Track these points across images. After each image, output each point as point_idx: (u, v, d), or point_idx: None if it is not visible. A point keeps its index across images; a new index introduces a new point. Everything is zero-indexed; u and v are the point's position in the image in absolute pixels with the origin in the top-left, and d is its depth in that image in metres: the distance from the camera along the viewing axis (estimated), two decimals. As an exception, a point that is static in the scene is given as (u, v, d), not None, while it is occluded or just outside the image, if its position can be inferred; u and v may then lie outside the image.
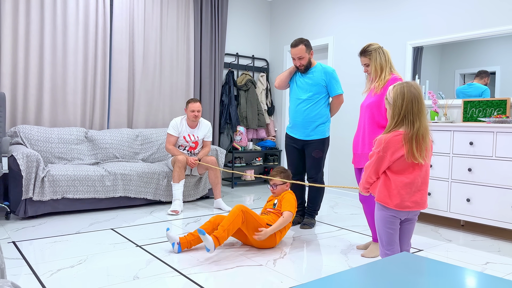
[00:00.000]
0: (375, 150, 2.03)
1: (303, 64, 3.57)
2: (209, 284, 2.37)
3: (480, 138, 3.50)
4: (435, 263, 1.19)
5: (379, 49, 2.89)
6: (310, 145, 3.61)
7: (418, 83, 4.42)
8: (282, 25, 6.24)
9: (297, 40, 3.54)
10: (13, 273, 2.44)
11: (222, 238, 2.79)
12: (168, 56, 5.35)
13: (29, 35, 4.37)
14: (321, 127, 3.60)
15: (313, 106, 3.57)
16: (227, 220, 2.83)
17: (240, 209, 2.85)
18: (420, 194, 2.04)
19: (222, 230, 2.80)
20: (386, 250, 2.09)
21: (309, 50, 3.56)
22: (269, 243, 3.02)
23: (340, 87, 3.60)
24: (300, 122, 3.62)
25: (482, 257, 3.01)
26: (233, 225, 2.83)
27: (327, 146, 3.67)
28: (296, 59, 3.56)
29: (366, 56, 2.91)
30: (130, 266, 2.62)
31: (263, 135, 6.24)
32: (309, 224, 3.68)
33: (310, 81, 3.58)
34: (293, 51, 3.54)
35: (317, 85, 3.56)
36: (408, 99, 1.98)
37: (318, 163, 3.64)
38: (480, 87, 3.92)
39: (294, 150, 3.73)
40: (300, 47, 3.51)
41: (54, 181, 3.80)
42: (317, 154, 3.61)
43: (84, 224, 3.63)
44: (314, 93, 3.56)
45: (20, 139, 4.10)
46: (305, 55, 3.54)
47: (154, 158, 4.95)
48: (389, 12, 4.78)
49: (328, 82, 3.56)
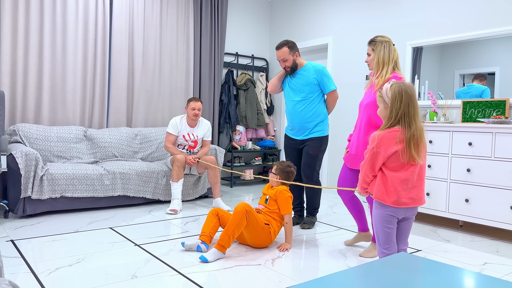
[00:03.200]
0: (369, 147, 2.06)
1: (288, 66, 3.58)
2: (207, 283, 2.37)
3: (479, 138, 3.50)
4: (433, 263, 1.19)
5: (387, 43, 2.79)
6: (308, 143, 3.61)
7: (418, 83, 4.42)
8: (282, 24, 6.24)
9: (281, 43, 3.56)
10: (11, 272, 2.44)
11: (228, 244, 2.77)
12: (168, 55, 5.35)
13: (28, 34, 4.36)
14: (319, 126, 3.60)
15: (308, 106, 3.56)
16: (232, 224, 2.76)
17: (244, 210, 2.79)
18: (416, 190, 2.05)
19: (226, 236, 2.75)
20: (384, 249, 2.10)
21: (294, 52, 3.56)
22: (265, 242, 3.00)
23: (332, 83, 3.58)
24: (298, 123, 3.61)
25: (481, 257, 3.01)
26: (238, 228, 2.78)
27: (325, 144, 3.65)
28: (281, 61, 3.59)
29: (371, 46, 2.85)
30: (129, 265, 2.62)
31: (262, 134, 6.24)
32: (309, 223, 3.66)
33: (301, 81, 3.58)
34: (277, 54, 3.58)
35: (310, 85, 3.55)
36: (405, 101, 2.00)
37: (313, 160, 3.59)
38: (479, 87, 3.93)
39: (293, 151, 3.73)
40: (283, 50, 3.53)
41: (53, 180, 3.80)
42: (314, 151, 3.58)
43: (83, 223, 3.63)
44: (308, 93, 3.56)
45: (19, 137, 4.10)
46: (289, 57, 3.54)
47: (153, 157, 4.94)
48: (388, 12, 4.78)
49: (320, 80, 3.55)
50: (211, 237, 2.96)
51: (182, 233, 3.38)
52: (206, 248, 2.88)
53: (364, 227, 3.12)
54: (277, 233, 3.10)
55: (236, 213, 2.79)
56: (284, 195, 3.07)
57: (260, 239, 2.97)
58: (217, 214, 3.04)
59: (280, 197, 3.07)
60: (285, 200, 3.07)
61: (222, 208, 4.29)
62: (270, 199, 3.14)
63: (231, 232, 2.75)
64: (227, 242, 2.75)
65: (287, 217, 3.06)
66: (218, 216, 3.04)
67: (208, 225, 2.98)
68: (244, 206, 2.80)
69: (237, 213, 2.78)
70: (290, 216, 3.07)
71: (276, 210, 3.10)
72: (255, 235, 2.94)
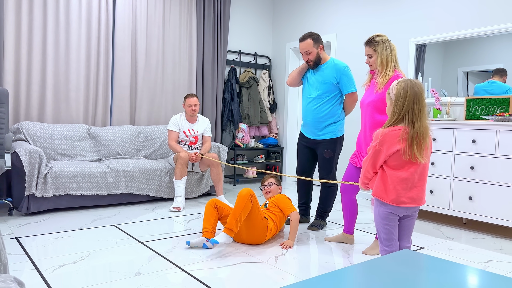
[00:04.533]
0: (372, 144, 2.05)
1: (311, 59, 3.42)
2: (210, 280, 2.38)
3: (482, 136, 3.49)
4: (436, 260, 1.19)
5: (386, 41, 2.77)
6: (321, 145, 3.50)
7: (421, 80, 4.41)
8: (285, 22, 6.23)
9: (305, 34, 3.42)
10: (16, 269, 2.46)
11: (236, 228, 2.78)
12: (171, 53, 5.35)
13: (32, 32, 4.37)
14: (332, 127, 3.45)
15: (322, 105, 3.42)
16: (238, 207, 2.78)
17: (249, 194, 2.80)
18: (416, 190, 2.04)
19: (234, 220, 2.77)
20: (385, 246, 2.10)
21: (318, 45, 3.41)
22: (260, 236, 2.98)
23: (353, 84, 3.39)
24: (310, 121, 3.50)
25: (484, 255, 3.01)
26: (244, 212, 2.80)
27: (340, 146, 3.52)
28: (304, 54, 3.43)
29: (371, 47, 2.80)
30: (132, 262, 2.63)
31: (265, 132, 6.23)
32: (317, 225, 3.56)
33: (320, 78, 3.43)
34: (300, 46, 3.43)
35: (327, 83, 3.39)
36: (410, 98, 1.98)
37: (329, 163, 3.49)
38: (503, 85, 3.79)
39: (304, 149, 3.63)
40: (307, 41, 3.38)
41: (56, 178, 3.81)
42: (328, 154, 3.46)
43: (87, 220, 3.64)
44: (324, 92, 3.41)
45: (23, 135, 4.12)
46: (313, 49, 3.39)
47: (156, 155, 4.95)
48: (392, 9, 4.76)
49: (339, 80, 3.38)
50: (214, 232, 2.97)
51: (186, 231, 3.39)
52: (212, 245, 2.88)
53: (350, 229, 3.15)
54: (273, 232, 3.08)
55: (241, 196, 2.80)
56: (284, 198, 3.15)
57: (256, 231, 2.94)
58: (215, 205, 3.05)
59: (280, 201, 3.14)
60: (286, 201, 3.13)
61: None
62: (270, 203, 3.18)
63: (238, 216, 2.78)
64: (235, 226, 2.77)
65: (293, 214, 3.07)
66: (216, 208, 3.05)
67: (209, 219, 2.99)
68: (249, 191, 2.82)
69: (242, 196, 2.80)
70: (296, 213, 3.07)
71: (276, 211, 3.13)
72: (253, 226, 2.92)
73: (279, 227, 3.17)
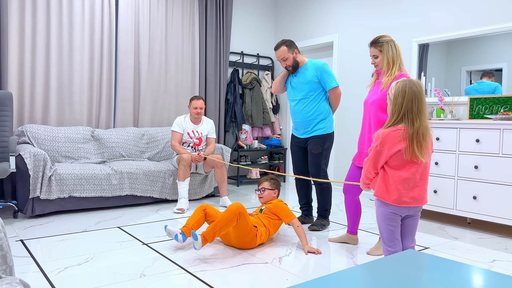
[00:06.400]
0: (373, 144, 2.05)
1: (288, 65, 3.54)
2: (215, 281, 2.38)
3: (486, 135, 3.48)
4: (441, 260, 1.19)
5: (391, 41, 2.80)
6: (310, 142, 3.58)
7: (424, 80, 4.40)
8: (287, 23, 6.23)
9: (279, 43, 3.54)
10: (21, 271, 2.47)
11: (210, 239, 2.76)
12: (173, 55, 5.37)
13: (35, 35, 4.40)
14: (321, 124, 3.54)
15: (309, 104, 3.52)
16: (221, 222, 2.75)
17: (237, 212, 2.75)
18: (418, 190, 2.03)
19: (212, 231, 2.74)
20: (388, 246, 2.10)
21: (292, 50, 3.52)
22: (249, 243, 2.95)
23: (334, 79, 3.49)
24: (300, 122, 3.59)
25: (489, 254, 3.00)
26: (226, 227, 2.77)
27: (330, 142, 3.59)
28: (281, 61, 3.56)
29: (377, 47, 2.82)
30: (137, 264, 2.64)
31: (268, 133, 6.24)
32: (318, 225, 3.57)
33: (302, 79, 3.53)
34: (276, 54, 3.55)
35: (309, 83, 3.50)
36: (408, 97, 1.98)
37: (318, 159, 3.54)
38: (491, 83, 3.88)
39: (297, 150, 3.70)
40: (281, 49, 3.50)
41: (61, 180, 3.83)
42: (316, 149, 3.53)
43: (91, 222, 3.65)
44: (308, 92, 3.51)
45: (27, 138, 4.14)
46: (288, 55, 3.51)
47: (160, 156, 4.97)
48: (394, 9, 4.75)
49: (320, 77, 3.48)
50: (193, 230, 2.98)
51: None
52: (182, 240, 2.89)
53: (354, 230, 3.15)
54: (263, 238, 3.04)
55: (229, 211, 2.76)
56: (281, 205, 3.10)
57: (245, 240, 2.92)
58: (204, 210, 3.08)
59: (278, 209, 3.09)
60: (284, 209, 3.08)
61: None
62: (266, 210, 3.16)
63: (217, 229, 2.75)
64: (211, 237, 2.76)
65: (294, 222, 3.03)
66: (205, 212, 3.07)
67: (193, 219, 3.02)
68: (238, 208, 2.76)
69: (230, 211, 2.75)
70: (297, 220, 3.05)
71: (271, 217, 3.11)
72: (241, 236, 2.89)
73: (272, 232, 3.15)
